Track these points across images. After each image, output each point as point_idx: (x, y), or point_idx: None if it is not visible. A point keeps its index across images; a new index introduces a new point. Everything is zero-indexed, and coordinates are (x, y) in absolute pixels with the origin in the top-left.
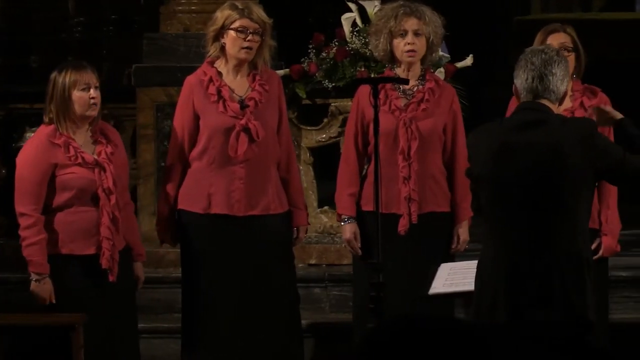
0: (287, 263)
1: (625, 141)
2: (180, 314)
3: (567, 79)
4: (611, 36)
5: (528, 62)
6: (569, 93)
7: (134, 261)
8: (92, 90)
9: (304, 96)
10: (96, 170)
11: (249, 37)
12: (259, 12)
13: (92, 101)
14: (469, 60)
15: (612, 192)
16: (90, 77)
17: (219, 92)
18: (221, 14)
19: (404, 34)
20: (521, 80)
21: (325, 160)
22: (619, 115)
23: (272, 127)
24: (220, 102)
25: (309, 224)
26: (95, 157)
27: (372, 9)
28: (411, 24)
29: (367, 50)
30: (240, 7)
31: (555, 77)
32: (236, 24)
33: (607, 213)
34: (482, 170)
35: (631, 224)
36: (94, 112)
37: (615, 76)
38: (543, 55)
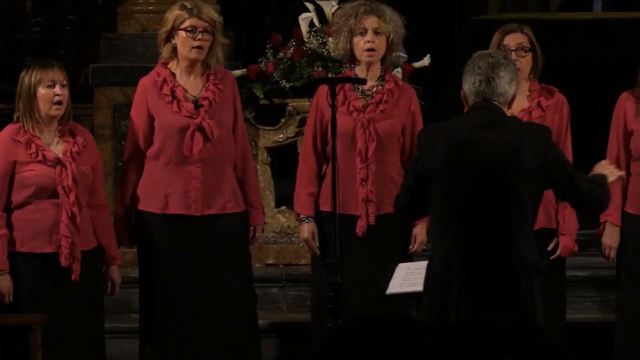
0: (244, 262)
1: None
2: (137, 314)
3: (515, 82)
4: (569, 36)
5: (475, 66)
6: (526, 93)
7: (108, 264)
8: (57, 88)
9: (262, 96)
10: (57, 168)
11: (199, 37)
12: (208, 10)
13: (56, 98)
14: (426, 60)
15: None
16: (57, 75)
17: (172, 92)
18: (170, 15)
19: (363, 33)
20: (469, 84)
21: (283, 160)
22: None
23: (227, 126)
24: (175, 102)
25: (265, 223)
26: (60, 155)
27: (329, 8)
28: (371, 22)
29: (324, 50)
30: (189, 6)
31: (503, 80)
32: (185, 24)
33: (565, 213)
34: (436, 167)
35: (589, 224)
36: (58, 111)
37: (573, 76)
38: (490, 59)
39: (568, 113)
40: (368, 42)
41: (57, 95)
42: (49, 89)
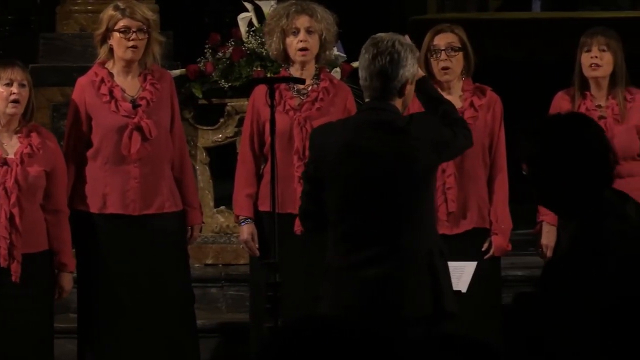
0: (182, 262)
1: (422, 97)
2: (75, 314)
3: (408, 68)
4: (508, 36)
5: (362, 58)
6: (459, 93)
7: (59, 270)
8: (14, 86)
9: (200, 96)
10: (3, 168)
11: (133, 37)
12: (141, 10)
13: (12, 97)
14: None
15: (502, 192)
16: (15, 74)
17: (110, 92)
18: (104, 17)
19: (296, 32)
20: (361, 79)
21: (222, 160)
22: (421, 73)
23: (165, 125)
24: (112, 102)
25: (203, 222)
26: (11, 156)
27: (268, 8)
28: (303, 21)
29: (263, 50)
30: (121, 7)
31: (386, 74)
32: (119, 25)
33: (498, 212)
34: (327, 171)
35: (526, 223)
36: (14, 109)
37: (512, 75)
38: (374, 51)
39: (501, 112)
40: (301, 41)
41: (14, 94)
42: (6, 87)
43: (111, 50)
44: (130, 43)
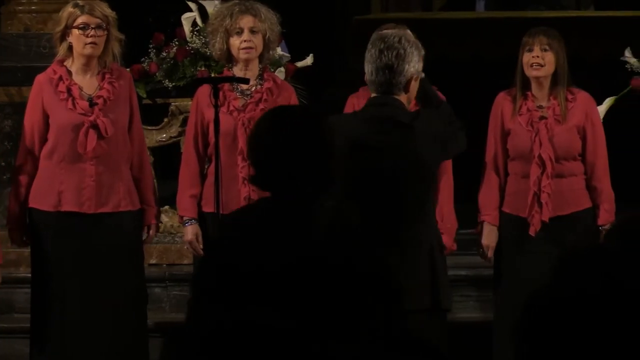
0: (137, 262)
1: (421, 97)
2: (22, 314)
3: (413, 64)
4: (452, 35)
5: (368, 53)
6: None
7: None
8: None
9: (144, 96)
10: None
11: (92, 33)
12: (101, 7)
13: None
14: (309, 60)
15: (448, 192)
16: None
17: (68, 90)
18: (64, 14)
19: (240, 32)
20: (366, 73)
21: (166, 160)
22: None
23: (123, 124)
24: (70, 99)
25: (161, 222)
26: None
27: (212, 8)
28: (247, 21)
29: (207, 50)
30: (80, 4)
31: (392, 69)
32: (78, 22)
33: (443, 212)
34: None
35: (472, 223)
36: None
37: (456, 75)
38: (381, 46)
39: None
40: (244, 41)
41: None
42: None
43: (70, 48)
44: (89, 39)
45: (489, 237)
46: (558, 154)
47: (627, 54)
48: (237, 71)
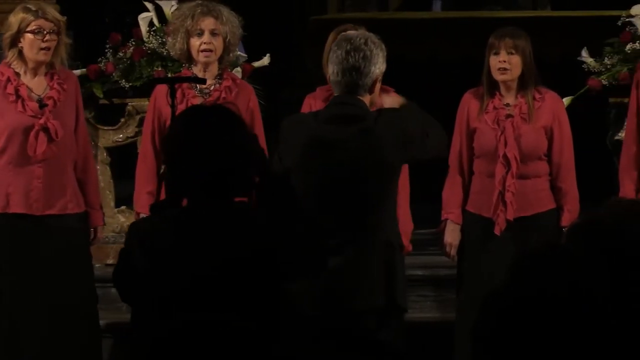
0: (85, 263)
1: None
2: None
3: (379, 65)
4: (409, 36)
5: (334, 54)
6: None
7: None
8: None
9: (101, 96)
10: None
11: (47, 37)
12: (52, 11)
13: None
14: (265, 60)
15: (404, 193)
16: None
17: (17, 91)
18: (15, 18)
19: (200, 33)
20: (330, 73)
21: (123, 160)
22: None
23: (70, 126)
24: (19, 101)
25: (104, 224)
26: None
27: (169, 8)
28: (208, 23)
29: (164, 50)
30: (33, 8)
31: (359, 70)
32: (32, 26)
33: (399, 213)
34: (295, 163)
35: (427, 223)
36: None
37: (413, 75)
38: (348, 47)
39: None
40: (205, 43)
41: None
42: None
43: (20, 52)
44: (44, 44)
45: (452, 235)
46: (523, 154)
47: (584, 54)
48: (197, 71)
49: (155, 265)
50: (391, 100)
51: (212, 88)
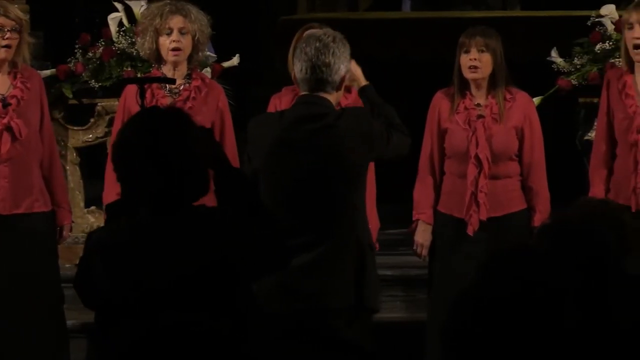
0: (51, 262)
1: (366, 105)
2: None
3: (346, 63)
4: (379, 36)
5: (302, 51)
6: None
7: None
8: None
9: (71, 96)
10: None
11: (7, 35)
12: (14, 10)
13: None
14: (235, 60)
15: (370, 191)
16: None
17: None
18: None
19: (169, 32)
20: (297, 70)
21: (92, 160)
22: (363, 82)
23: (35, 125)
24: None
25: (73, 222)
26: None
27: (138, 8)
28: (176, 22)
29: (133, 50)
30: None
31: (329, 67)
32: None
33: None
34: (263, 163)
35: (396, 223)
36: None
37: (383, 75)
38: (317, 44)
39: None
40: (174, 41)
41: None
42: None
43: None
44: (4, 42)
45: (424, 235)
46: (495, 154)
47: (554, 54)
48: (166, 71)
49: (114, 274)
50: (359, 72)
51: (181, 88)
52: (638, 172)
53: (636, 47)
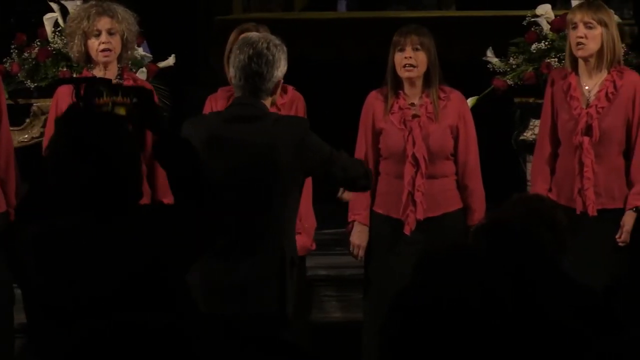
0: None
1: None
2: None
3: (281, 68)
4: (313, 36)
5: (236, 58)
6: None
7: None
8: None
9: (6, 96)
10: None
11: None
12: None
13: None
14: (171, 60)
15: (306, 191)
16: None
17: None
18: None
19: (97, 34)
20: (231, 76)
21: (28, 160)
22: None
23: None
24: None
25: None
26: None
27: (73, 8)
28: (104, 23)
29: (69, 50)
30: None
31: (262, 76)
32: None
33: (302, 212)
34: None
35: (332, 223)
36: None
37: (318, 75)
38: (250, 52)
39: (304, 110)
40: (103, 43)
41: None
42: None
43: None
44: None
45: (360, 236)
46: (431, 153)
47: (489, 53)
48: (97, 72)
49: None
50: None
51: None
52: (583, 174)
53: (579, 44)
